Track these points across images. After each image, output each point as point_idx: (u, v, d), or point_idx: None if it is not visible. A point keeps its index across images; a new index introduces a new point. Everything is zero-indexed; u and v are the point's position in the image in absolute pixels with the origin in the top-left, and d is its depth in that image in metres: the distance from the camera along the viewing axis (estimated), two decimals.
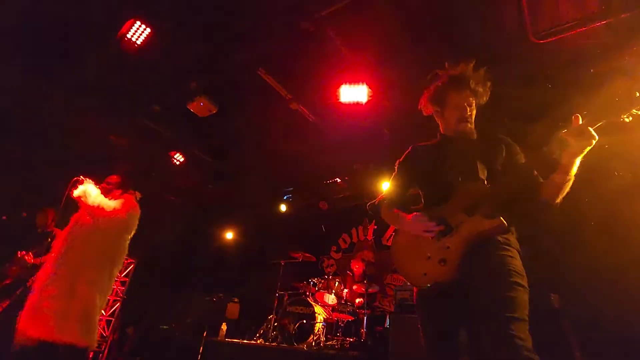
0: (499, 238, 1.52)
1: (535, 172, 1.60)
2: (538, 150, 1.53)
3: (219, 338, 5.04)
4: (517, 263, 1.50)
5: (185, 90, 4.44)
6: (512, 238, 1.58)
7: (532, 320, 1.41)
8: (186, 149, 5.93)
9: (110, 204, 2.80)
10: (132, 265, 6.32)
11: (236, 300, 6.10)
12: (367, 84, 4.02)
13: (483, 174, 1.62)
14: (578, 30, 3.51)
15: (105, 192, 2.96)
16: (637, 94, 1.33)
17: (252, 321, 5.84)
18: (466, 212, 1.55)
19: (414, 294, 1.69)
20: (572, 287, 3.71)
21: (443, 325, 1.54)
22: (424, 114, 1.95)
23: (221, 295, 6.04)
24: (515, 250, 1.55)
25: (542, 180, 1.58)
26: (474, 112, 1.80)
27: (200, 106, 4.26)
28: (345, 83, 4.08)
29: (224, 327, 5.27)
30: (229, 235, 7.99)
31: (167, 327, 5.53)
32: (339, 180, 6.44)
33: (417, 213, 1.66)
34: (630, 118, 1.36)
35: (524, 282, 1.45)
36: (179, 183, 7.16)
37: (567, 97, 4.06)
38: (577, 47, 3.66)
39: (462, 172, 1.64)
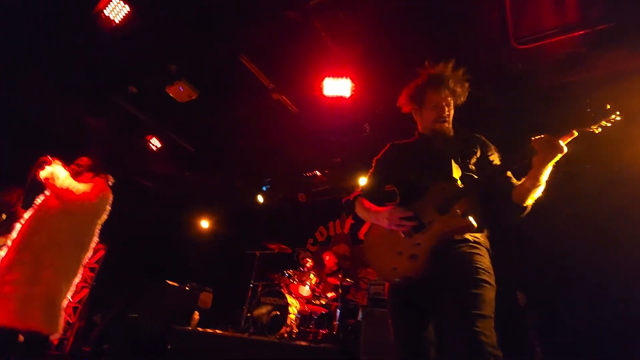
0: (469, 237, 1.56)
1: (509, 174, 1.64)
2: (513, 152, 1.57)
3: (190, 327, 4.98)
4: (485, 261, 1.54)
5: (164, 74, 4.30)
6: (483, 237, 1.62)
7: (499, 317, 1.45)
8: (164, 134, 5.77)
9: (79, 187, 2.69)
10: (102, 251, 6.13)
11: (209, 289, 6.04)
12: (350, 79, 4.01)
13: (457, 174, 1.65)
14: (557, 38, 3.62)
15: (75, 175, 2.84)
16: (608, 107, 1.37)
17: (225, 311, 5.80)
18: (438, 210, 1.58)
19: (385, 288, 1.71)
20: (538, 286, 3.87)
21: (411, 320, 1.57)
22: (403, 111, 1.96)
23: (194, 284, 5.96)
24: (485, 249, 1.59)
25: (515, 183, 1.62)
26: (452, 111, 1.84)
27: (179, 91, 4.14)
28: (330, 76, 4.06)
29: (195, 316, 5.21)
30: (205, 224, 7.87)
31: (136, 315, 5.41)
32: (318, 173, 6.43)
33: (392, 207, 1.68)
34: (600, 129, 1.41)
35: (492, 280, 1.49)
36: (155, 169, 6.97)
37: (542, 103, 4.21)
38: (555, 55, 3.77)
39: (436, 171, 1.68)
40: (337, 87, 3.96)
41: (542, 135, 1.45)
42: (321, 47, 3.91)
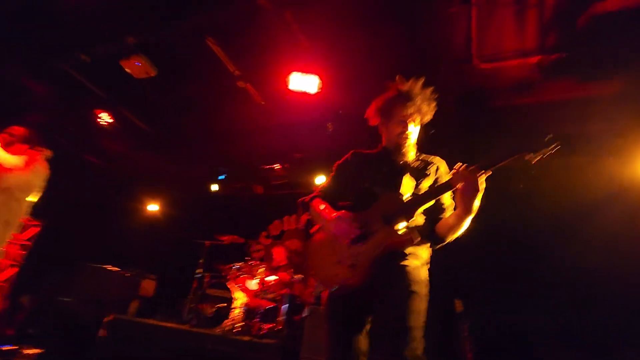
0: (409, 249, 1.61)
1: (446, 203, 1.72)
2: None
3: (126, 316, 4.74)
4: (421, 273, 1.60)
5: (121, 46, 4.01)
6: (422, 249, 1.68)
7: (438, 322, 1.51)
8: (115, 109, 5.40)
9: (9, 159, 2.45)
10: (37, 229, 5.67)
11: (152, 277, 5.77)
12: (318, 76, 3.97)
13: (408, 190, 1.69)
14: (516, 61, 3.82)
15: (6, 145, 2.57)
16: (547, 138, 1.45)
17: (168, 301, 5.58)
18: (384, 221, 1.60)
19: (324, 295, 1.72)
20: (474, 294, 4.10)
21: (346, 328, 1.59)
22: (370, 124, 1.98)
23: (137, 270, 5.67)
24: (422, 261, 1.65)
25: (444, 213, 1.70)
26: (417, 129, 1.86)
27: (136, 66, 3.87)
28: (297, 71, 3.99)
29: (134, 304, 4.96)
30: (153, 208, 7.49)
31: (69, 299, 5.05)
32: (278, 166, 6.35)
33: (342, 213, 1.68)
34: (536, 160, 1.47)
35: (424, 291, 1.55)
36: (103, 145, 6.53)
37: (493, 122, 4.44)
38: (512, 77, 3.97)
39: (388, 185, 1.71)
40: (304, 82, 3.90)
41: (463, 167, 1.50)
42: (292, 40, 3.83)
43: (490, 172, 1.49)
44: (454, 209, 1.62)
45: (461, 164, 1.53)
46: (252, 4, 3.43)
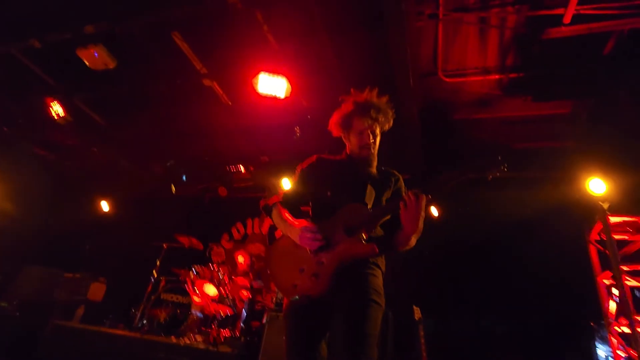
0: (369, 260, 1.64)
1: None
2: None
3: (71, 322, 4.42)
4: (378, 282, 1.64)
5: (77, 34, 3.76)
6: (381, 259, 1.73)
7: (395, 328, 1.54)
8: (69, 100, 5.06)
9: None
10: None
11: (102, 280, 5.44)
12: (287, 79, 3.92)
13: (370, 201, 1.71)
14: (477, 78, 4.00)
15: None
16: (499, 158, 1.51)
17: (119, 306, 5.27)
18: (346, 232, 1.61)
19: (284, 304, 1.69)
20: (432, 302, 4.22)
21: (306, 337, 1.58)
22: (333, 135, 1.99)
23: (85, 273, 5.32)
24: (380, 270, 1.69)
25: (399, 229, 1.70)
26: (378, 138, 1.88)
27: (93, 56, 3.64)
28: (266, 72, 3.93)
29: (80, 310, 4.64)
30: (105, 206, 7.06)
31: (6, 304, 4.64)
32: (242, 168, 6.22)
33: (307, 224, 1.67)
34: (492, 177, 1.52)
35: (381, 300, 1.58)
36: (54, 137, 6.11)
37: (454, 134, 4.62)
38: (473, 93, 4.14)
39: (351, 193, 1.72)
40: (272, 84, 3.84)
41: (415, 194, 1.54)
42: (262, 41, 3.78)
43: (430, 197, 1.56)
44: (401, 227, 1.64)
45: (411, 192, 1.57)
46: (222, 2, 3.35)
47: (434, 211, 5.07)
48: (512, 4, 3.33)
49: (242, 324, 4.45)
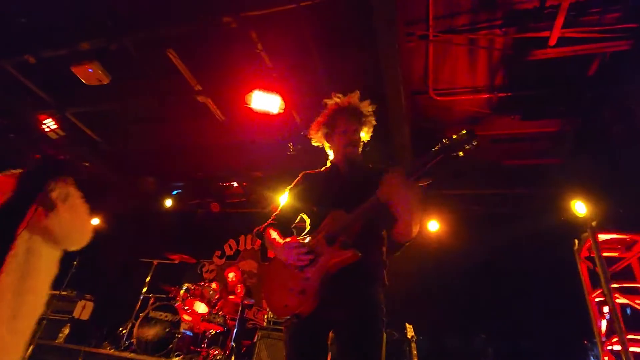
0: (359, 268, 1.52)
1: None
2: None
3: (56, 341, 4.29)
4: (373, 292, 1.56)
5: (73, 50, 3.80)
6: (381, 269, 1.64)
7: (389, 343, 1.49)
8: (62, 115, 5.05)
9: None
10: None
11: (89, 297, 5.30)
12: (281, 96, 3.97)
13: (354, 204, 1.60)
14: (467, 97, 4.08)
15: None
16: (464, 132, 1.52)
17: (106, 324, 5.13)
18: (327, 241, 1.57)
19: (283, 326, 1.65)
20: (424, 320, 4.20)
21: (305, 357, 1.53)
22: (313, 142, 1.99)
23: (71, 290, 5.18)
24: (374, 279, 1.60)
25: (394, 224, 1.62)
26: (361, 138, 1.88)
27: (88, 72, 3.66)
28: (260, 89, 3.97)
29: (65, 329, 4.51)
30: (94, 221, 6.95)
31: None
32: (235, 184, 6.21)
33: (288, 240, 1.64)
34: (463, 153, 1.51)
35: (382, 315, 1.52)
36: (46, 151, 6.05)
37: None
38: (463, 112, 4.22)
39: (334, 201, 1.67)
40: (266, 101, 3.88)
41: (390, 171, 1.51)
42: (256, 59, 3.83)
43: (417, 177, 1.51)
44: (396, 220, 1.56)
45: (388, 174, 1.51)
46: (218, 21, 3.41)
47: (433, 225, 5.07)
48: (500, 26, 3.44)
49: (232, 343, 4.35)
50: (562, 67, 3.62)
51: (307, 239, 1.63)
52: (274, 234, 1.74)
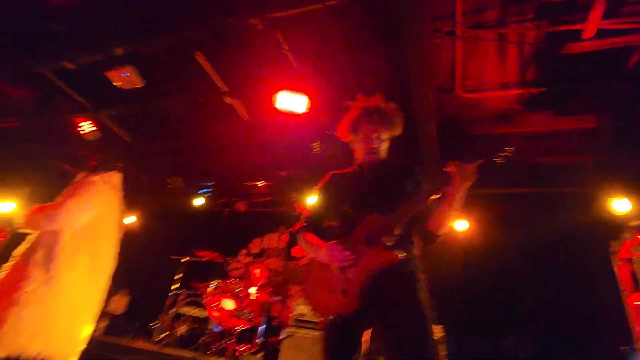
0: (403, 268, 1.57)
1: (431, 201, 1.65)
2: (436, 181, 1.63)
3: (93, 335, 4.49)
4: (422, 293, 1.58)
5: (108, 56, 3.96)
6: (412, 264, 1.65)
7: None
8: (97, 117, 5.27)
9: None
10: (3, 237, 5.37)
11: (124, 292, 5.53)
12: (307, 96, 4.00)
13: (387, 205, 1.63)
14: (496, 93, 3.98)
15: None
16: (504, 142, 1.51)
17: (139, 319, 5.34)
18: (367, 243, 1.59)
19: (320, 324, 1.70)
20: (453, 321, 4.12)
21: (343, 355, 1.56)
22: (342, 140, 2.00)
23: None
24: (415, 278, 1.62)
25: (433, 211, 1.65)
26: (385, 143, 1.87)
27: (122, 77, 3.81)
28: (286, 89, 4.01)
29: (102, 323, 4.72)
30: (129, 219, 7.23)
31: None
32: (261, 183, 6.30)
33: (333, 243, 1.66)
34: (501, 160, 1.53)
35: (427, 311, 1.53)
36: (81, 153, 6.34)
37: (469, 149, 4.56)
38: (492, 108, 4.12)
39: (366, 202, 1.69)
40: (292, 102, 3.92)
41: (455, 162, 1.54)
42: (281, 59, 3.87)
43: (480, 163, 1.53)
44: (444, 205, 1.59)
45: (452, 163, 1.55)
46: (244, 23, 3.47)
47: (462, 225, 4.97)
48: (531, 20, 3.33)
49: (259, 339, 4.44)
50: (599, 61, 3.46)
51: (348, 241, 1.64)
52: (311, 237, 1.77)
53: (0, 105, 5.02)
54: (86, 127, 4.97)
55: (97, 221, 2.17)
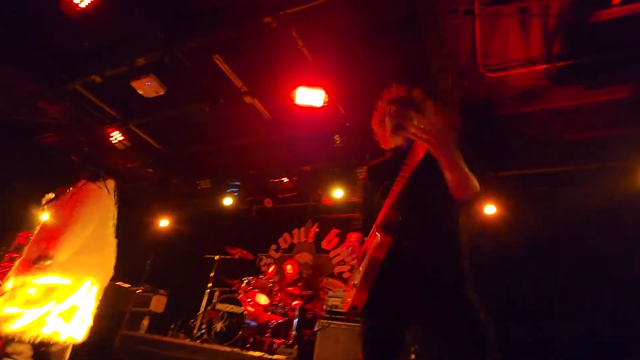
0: (406, 255, 1.47)
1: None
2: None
3: (138, 332, 4.74)
4: (442, 272, 1.46)
5: (131, 67, 4.12)
6: (425, 251, 1.50)
7: None
8: (127, 128, 5.51)
9: None
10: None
11: (163, 292, 5.79)
12: (324, 89, 4.00)
13: (399, 187, 1.53)
14: (521, 70, 3.82)
15: None
16: None
17: (178, 317, 5.57)
18: (377, 231, 1.51)
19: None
20: (488, 305, 4.02)
21: (377, 345, 1.54)
22: (376, 138, 1.95)
23: (147, 286, 5.69)
24: (436, 265, 1.47)
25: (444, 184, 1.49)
26: (415, 121, 1.76)
27: (146, 85, 3.95)
28: (303, 85, 4.03)
29: (145, 321, 4.97)
30: (163, 223, 7.54)
31: None
32: (286, 179, 6.38)
33: (355, 238, 1.68)
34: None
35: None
36: (114, 163, 6.65)
37: (499, 131, 4.42)
38: (518, 86, 3.96)
39: (384, 189, 1.62)
40: (310, 96, 3.94)
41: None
42: (297, 55, 3.89)
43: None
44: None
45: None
46: (258, 22, 3.51)
47: (491, 209, 4.85)
48: None
49: (294, 332, 4.53)
50: (631, 27, 3.25)
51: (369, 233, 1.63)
52: (353, 237, 1.77)
53: (41, 122, 5.31)
54: (116, 136, 5.21)
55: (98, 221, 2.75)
